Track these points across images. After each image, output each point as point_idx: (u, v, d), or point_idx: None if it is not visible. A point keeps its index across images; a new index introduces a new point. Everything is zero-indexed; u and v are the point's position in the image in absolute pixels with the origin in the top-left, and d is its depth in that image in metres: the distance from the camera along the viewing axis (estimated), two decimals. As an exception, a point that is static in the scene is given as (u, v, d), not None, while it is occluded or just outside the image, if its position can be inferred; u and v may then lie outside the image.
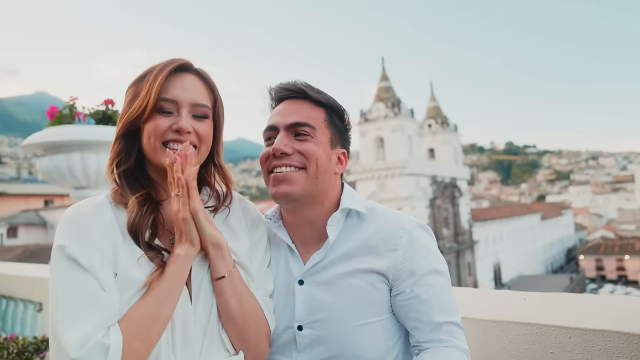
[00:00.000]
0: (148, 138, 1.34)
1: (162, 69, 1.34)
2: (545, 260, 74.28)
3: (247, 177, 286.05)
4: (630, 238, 73.94)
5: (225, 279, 1.32)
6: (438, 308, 1.41)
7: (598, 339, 1.54)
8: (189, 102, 1.35)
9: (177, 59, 1.38)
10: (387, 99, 49.29)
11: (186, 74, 1.38)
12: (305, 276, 1.49)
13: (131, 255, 1.27)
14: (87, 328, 1.13)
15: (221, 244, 1.33)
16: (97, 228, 1.27)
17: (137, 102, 1.32)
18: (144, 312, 1.21)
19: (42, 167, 3.74)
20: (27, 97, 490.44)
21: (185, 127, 1.33)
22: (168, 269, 1.26)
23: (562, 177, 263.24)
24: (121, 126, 1.36)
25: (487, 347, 1.78)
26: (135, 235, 1.29)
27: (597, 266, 70.25)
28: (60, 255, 1.23)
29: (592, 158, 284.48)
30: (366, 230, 1.49)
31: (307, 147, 1.45)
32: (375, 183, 46.76)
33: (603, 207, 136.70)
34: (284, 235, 1.55)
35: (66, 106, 3.75)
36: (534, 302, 1.94)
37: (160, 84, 1.31)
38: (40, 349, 3.61)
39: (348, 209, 1.51)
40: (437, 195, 48.97)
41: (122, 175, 1.37)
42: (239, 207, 1.54)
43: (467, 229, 52.94)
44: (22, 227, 35.26)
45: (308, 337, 1.44)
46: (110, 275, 1.23)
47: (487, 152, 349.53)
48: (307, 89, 1.50)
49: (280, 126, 1.47)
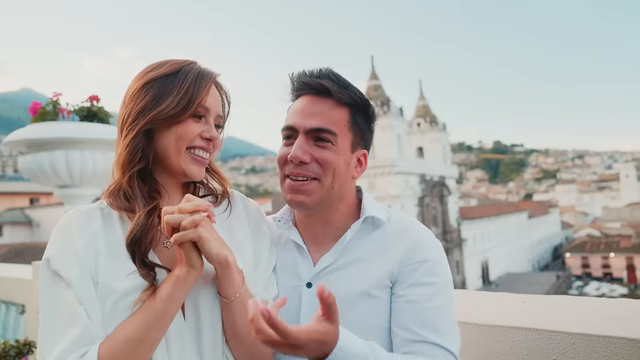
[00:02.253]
0: (175, 140, 1.29)
1: (204, 75, 1.32)
2: (532, 258, 75.13)
3: (237, 175, 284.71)
4: (615, 236, 74.97)
5: (234, 300, 1.24)
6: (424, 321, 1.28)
7: (603, 346, 1.48)
8: (216, 113, 1.36)
9: (210, 70, 1.36)
10: (377, 97, 49.42)
11: (216, 87, 1.39)
12: (314, 279, 1.42)
13: (115, 264, 1.21)
14: (65, 346, 1.10)
15: (229, 262, 1.22)
16: (80, 237, 1.22)
17: (172, 101, 1.27)
18: (131, 333, 1.13)
19: (24, 165, 3.62)
20: (13, 93, 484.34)
21: (215, 136, 1.34)
22: (163, 290, 1.18)
23: (549, 176, 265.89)
24: (146, 121, 1.27)
25: (486, 353, 1.73)
26: (133, 251, 1.21)
27: (583, 264, 71.09)
28: (46, 268, 1.21)
29: (578, 157, 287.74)
30: (382, 236, 1.43)
31: (326, 156, 1.37)
32: (364, 181, 46.80)
33: (589, 205, 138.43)
34: (295, 235, 1.49)
35: (49, 102, 3.64)
36: (534, 306, 1.89)
37: (208, 91, 1.31)
38: (23, 353, 3.49)
39: (372, 217, 1.44)
40: (426, 194, 49.24)
41: (135, 177, 1.28)
42: (241, 207, 1.48)
43: (456, 227, 53.31)
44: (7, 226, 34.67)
45: None
46: (90, 286, 1.17)
47: (475, 150, 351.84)
48: (332, 86, 1.39)
49: (300, 129, 1.39)
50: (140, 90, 1.29)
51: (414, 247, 1.38)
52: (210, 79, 1.34)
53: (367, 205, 1.46)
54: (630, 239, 69.26)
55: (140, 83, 1.30)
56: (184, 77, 1.29)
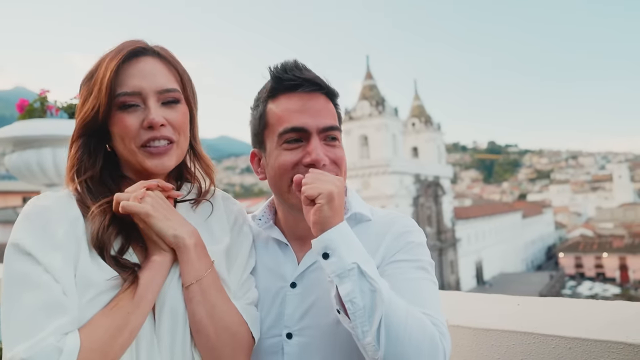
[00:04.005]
0: (121, 141, 1.18)
1: (112, 57, 1.16)
2: (525, 258, 75.49)
3: (231, 175, 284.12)
4: (608, 236, 75.35)
5: (193, 286, 1.15)
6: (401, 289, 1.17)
7: (600, 351, 1.44)
8: (154, 90, 1.18)
9: (129, 42, 1.20)
10: (372, 97, 49.51)
11: (144, 57, 1.20)
12: (299, 279, 1.35)
13: (93, 257, 1.12)
14: (43, 335, 0.99)
15: (187, 244, 1.15)
16: (61, 224, 1.11)
17: (90, 102, 1.16)
18: (110, 320, 1.06)
19: (11, 163, 3.56)
20: (6, 92, 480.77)
21: (158, 120, 1.16)
22: (142, 275, 1.12)
23: (542, 176, 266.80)
24: (77, 129, 1.20)
25: (479, 358, 1.68)
26: (100, 251, 1.12)
27: (576, 264, 71.38)
28: (15, 252, 1.06)
29: (572, 157, 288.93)
30: (368, 232, 1.36)
31: (339, 154, 1.32)
32: (359, 181, 46.85)
33: (582, 205, 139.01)
34: (277, 234, 1.42)
35: (37, 99, 3.57)
36: (529, 308, 1.84)
37: (111, 77, 1.13)
38: None
39: (357, 213, 1.39)
40: (421, 194, 49.33)
41: (85, 183, 1.20)
42: (222, 206, 1.38)
43: (450, 227, 53.48)
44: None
45: (297, 345, 1.31)
46: (71, 277, 1.08)
47: (469, 151, 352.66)
48: (320, 80, 1.32)
49: (313, 130, 1.28)
50: (79, 97, 1.23)
51: (397, 235, 1.33)
52: (121, 55, 1.15)
53: (353, 201, 1.40)
54: (623, 239, 69.64)
55: (79, 90, 1.23)
56: (99, 70, 1.16)
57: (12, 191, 40.93)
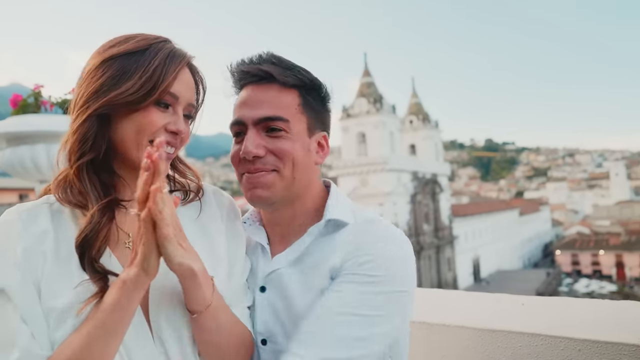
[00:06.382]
0: (135, 131, 1.10)
1: (175, 57, 1.13)
2: (522, 255, 75.72)
3: (229, 172, 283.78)
4: (605, 234, 75.75)
5: (202, 314, 1.08)
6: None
7: (611, 353, 1.39)
8: (186, 101, 1.17)
9: (184, 51, 1.17)
10: (369, 94, 49.42)
11: (184, 66, 1.17)
12: (267, 281, 1.29)
13: (65, 270, 1.04)
14: None
15: (194, 272, 1.02)
16: (21, 241, 1.04)
17: (134, 84, 1.07)
18: (74, 352, 0.97)
19: (4, 159, 3.50)
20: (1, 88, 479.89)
21: (183, 130, 1.16)
22: (107, 298, 0.99)
23: (539, 174, 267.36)
24: (100, 105, 1.07)
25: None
26: (82, 253, 1.03)
27: (573, 261, 71.73)
28: None
29: (569, 155, 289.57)
30: (339, 239, 1.26)
31: (281, 145, 1.24)
32: (357, 178, 46.83)
33: (579, 203, 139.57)
34: (261, 236, 1.36)
35: (31, 94, 3.51)
36: (534, 308, 1.80)
37: (175, 76, 1.12)
38: None
39: (334, 220, 1.28)
40: (418, 191, 49.33)
41: (85, 168, 1.10)
42: (214, 203, 1.31)
43: (447, 224, 53.56)
44: (-6, 222, 34.28)
45: (272, 352, 1.25)
46: (34, 298, 1.01)
47: (467, 148, 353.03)
48: (274, 70, 1.26)
49: (248, 122, 1.25)
50: (98, 68, 1.10)
51: (358, 245, 1.21)
52: (182, 60, 1.15)
53: (331, 206, 1.30)
54: (619, 237, 69.96)
55: (99, 60, 1.10)
56: (151, 57, 1.10)
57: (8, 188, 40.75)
